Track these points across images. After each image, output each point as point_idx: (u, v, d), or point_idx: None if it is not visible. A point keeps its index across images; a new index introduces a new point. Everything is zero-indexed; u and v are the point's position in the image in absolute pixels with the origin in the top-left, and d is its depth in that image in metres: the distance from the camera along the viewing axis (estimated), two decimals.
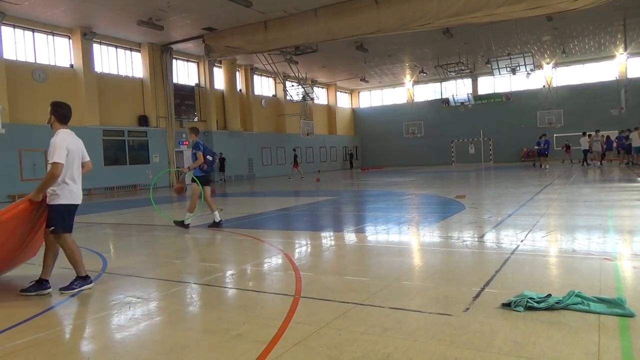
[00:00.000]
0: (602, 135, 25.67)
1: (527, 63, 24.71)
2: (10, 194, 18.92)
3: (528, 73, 26.65)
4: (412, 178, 22.49)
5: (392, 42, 26.87)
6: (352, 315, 3.48)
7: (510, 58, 25.12)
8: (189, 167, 8.49)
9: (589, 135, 24.50)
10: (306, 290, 4.20)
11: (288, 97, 31.93)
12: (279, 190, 18.49)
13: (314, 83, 37.29)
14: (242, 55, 26.49)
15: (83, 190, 4.90)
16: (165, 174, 25.20)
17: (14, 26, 19.86)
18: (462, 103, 35.62)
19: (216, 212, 8.55)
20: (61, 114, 4.64)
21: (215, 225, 8.48)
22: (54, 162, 4.33)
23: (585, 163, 24.65)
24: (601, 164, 24.97)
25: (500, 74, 25.93)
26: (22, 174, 19.46)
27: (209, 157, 8.26)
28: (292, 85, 31.84)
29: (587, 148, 24.21)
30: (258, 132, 33.08)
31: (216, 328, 3.43)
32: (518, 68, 25.19)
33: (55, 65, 21.48)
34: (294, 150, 30.28)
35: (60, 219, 4.49)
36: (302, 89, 30.66)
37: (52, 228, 4.46)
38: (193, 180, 8.42)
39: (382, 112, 44.21)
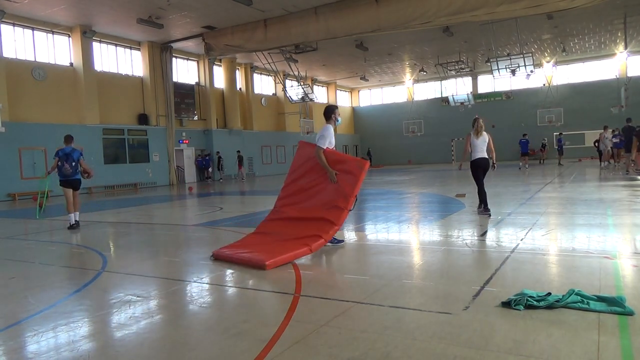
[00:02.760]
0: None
1: (526, 64, 24.58)
2: (10, 192, 18.94)
3: (528, 74, 26.53)
4: (412, 176, 22.48)
5: (392, 40, 26.86)
6: (351, 314, 3.49)
7: (510, 58, 25.01)
8: (48, 172, 9.88)
9: (606, 129, 22.76)
10: (306, 289, 4.20)
11: (287, 96, 31.92)
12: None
13: (314, 81, 37.27)
14: (242, 53, 26.47)
15: (83, 188, 4.96)
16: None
17: (14, 24, 19.84)
18: (461, 103, 35.53)
19: (71, 215, 9.12)
20: (327, 114, 6.59)
21: (71, 227, 9.00)
22: (320, 147, 6.27)
23: (606, 162, 22.85)
24: (614, 162, 24.17)
25: (500, 74, 25.83)
26: (22, 172, 19.45)
27: (59, 164, 9.09)
28: (292, 86, 31.79)
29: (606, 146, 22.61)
30: (258, 130, 33.07)
31: (216, 326, 3.43)
32: (518, 69, 25.08)
33: (55, 64, 21.46)
34: (238, 151, 28.68)
35: None
36: (302, 90, 30.60)
37: None
38: (60, 185, 9.23)
39: (382, 111, 44.17)
